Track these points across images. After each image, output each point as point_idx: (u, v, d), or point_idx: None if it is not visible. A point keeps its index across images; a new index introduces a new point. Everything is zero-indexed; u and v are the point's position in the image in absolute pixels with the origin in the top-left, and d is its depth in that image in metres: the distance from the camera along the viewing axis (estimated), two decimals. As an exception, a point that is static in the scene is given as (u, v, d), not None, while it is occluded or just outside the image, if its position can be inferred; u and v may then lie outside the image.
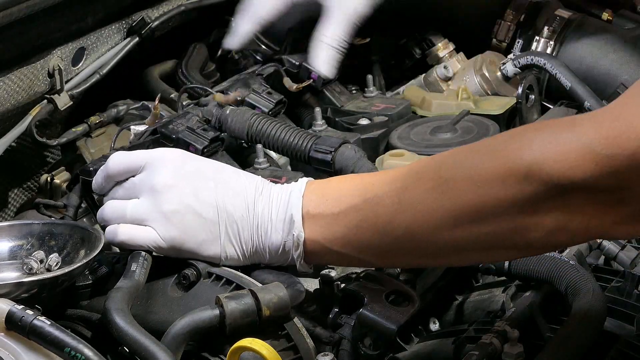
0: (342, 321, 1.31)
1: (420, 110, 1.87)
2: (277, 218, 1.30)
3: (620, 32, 1.99)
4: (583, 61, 1.93)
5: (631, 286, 1.40)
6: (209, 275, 1.33)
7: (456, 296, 1.51)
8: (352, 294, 1.31)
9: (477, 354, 1.21)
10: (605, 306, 1.29)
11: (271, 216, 1.30)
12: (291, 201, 1.29)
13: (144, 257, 1.33)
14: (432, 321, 1.49)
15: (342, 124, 1.79)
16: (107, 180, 1.38)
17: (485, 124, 1.75)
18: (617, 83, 1.90)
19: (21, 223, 1.40)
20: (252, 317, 1.24)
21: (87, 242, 1.35)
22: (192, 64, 2.12)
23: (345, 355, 1.29)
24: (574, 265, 1.34)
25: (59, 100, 1.84)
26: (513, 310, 1.32)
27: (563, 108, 1.82)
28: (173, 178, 1.32)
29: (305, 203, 1.29)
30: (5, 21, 1.64)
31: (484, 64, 1.95)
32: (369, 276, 1.34)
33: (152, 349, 1.19)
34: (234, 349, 1.20)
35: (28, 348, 1.19)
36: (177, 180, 1.32)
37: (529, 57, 1.86)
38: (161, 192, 1.31)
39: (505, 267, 1.39)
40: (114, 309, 1.23)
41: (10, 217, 1.88)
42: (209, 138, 1.58)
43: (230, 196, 1.31)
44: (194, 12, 2.13)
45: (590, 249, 1.48)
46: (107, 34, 1.94)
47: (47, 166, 1.93)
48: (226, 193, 1.31)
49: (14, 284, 1.25)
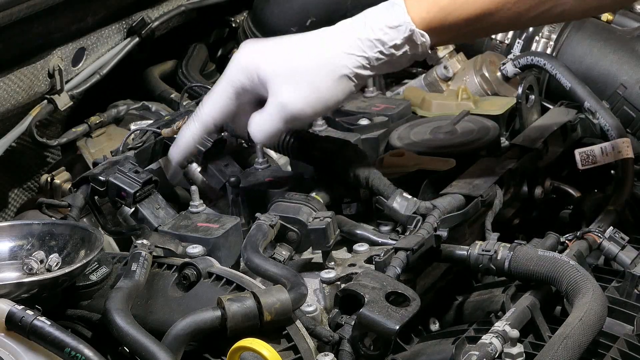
0: (342, 321, 1.31)
1: (420, 110, 1.87)
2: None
3: (620, 32, 2.00)
4: (583, 61, 1.94)
5: (631, 286, 1.40)
6: (209, 276, 1.33)
7: (456, 296, 1.51)
8: (352, 294, 1.31)
9: (477, 354, 1.21)
10: (605, 306, 1.29)
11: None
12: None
13: (144, 257, 1.33)
14: (432, 321, 1.49)
15: (342, 124, 1.79)
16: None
17: (485, 124, 1.75)
18: (617, 83, 1.90)
19: (21, 223, 1.40)
20: (254, 320, 1.24)
21: (87, 242, 1.35)
22: (192, 64, 2.12)
23: (345, 355, 1.29)
24: (574, 265, 1.34)
25: (59, 100, 1.84)
26: (513, 310, 1.32)
27: (563, 108, 1.82)
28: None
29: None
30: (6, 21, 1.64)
31: (484, 64, 1.95)
32: (369, 276, 1.34)
33: (152, 349, 1.19)
34: (234, 348, 1.20)
35: (28, 348, 1.19)
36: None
37: (529, 58, 1.86)
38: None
39: (505, 267, 1.39)
40: (114, 309, 1.23)
41: (10, 217, 1.88)
42: (141, 181, 1.53)
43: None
44: (194, 12, 2.13)
45: (590, 249, 1.48)
46: (107, 34, 1.95)
47: (47, 166, 1.93)
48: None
49: (14, 284, 1.25)
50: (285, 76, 1.45)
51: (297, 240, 1.46)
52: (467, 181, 1.57)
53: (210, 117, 1.50)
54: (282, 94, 1.45)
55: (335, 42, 1.46)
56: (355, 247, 1.47)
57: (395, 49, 1.45)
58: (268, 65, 1.46)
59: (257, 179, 1.61)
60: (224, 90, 1.49)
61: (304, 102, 1.45)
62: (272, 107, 1.46)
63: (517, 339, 1.24)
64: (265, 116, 1.47)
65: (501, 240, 1.44)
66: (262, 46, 1.50)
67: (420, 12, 1.45)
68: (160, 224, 1.50)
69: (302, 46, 1.48)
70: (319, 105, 1.46)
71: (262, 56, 1.47)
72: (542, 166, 1.70)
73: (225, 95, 1.49)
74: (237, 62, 1.49)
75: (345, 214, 1.56)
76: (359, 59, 1.45)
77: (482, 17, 1.46)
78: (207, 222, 1.48)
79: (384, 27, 1.45)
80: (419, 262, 1.43)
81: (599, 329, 1.27)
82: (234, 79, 1.48)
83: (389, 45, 1.45)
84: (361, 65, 1.46)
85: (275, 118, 1.46)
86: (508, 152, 1.68)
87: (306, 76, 1.45)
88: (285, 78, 1.45)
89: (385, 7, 1.47)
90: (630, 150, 1.70)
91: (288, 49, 1.48)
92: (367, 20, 1.46)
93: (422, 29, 1.45)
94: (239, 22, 2.21)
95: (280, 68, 1.46)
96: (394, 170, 1.62)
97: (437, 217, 1.47)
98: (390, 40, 1.45)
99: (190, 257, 1.39)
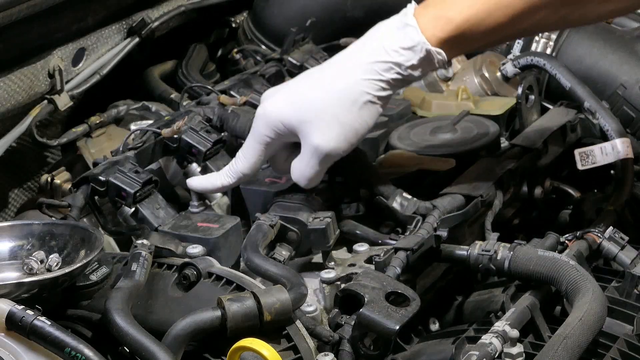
0: (342, 321, 1.31)
1: (420, 111, 1.87)
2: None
3: (620, 32, 2.00)
4: (583, 61, 1.94)
5: (631, 286, 1.40)
6: (209, 276, 1.33)
7: (456, 296, 1.51)
8: (352, 294, 1.31)
9: (477, 354, 1.21)
10: (605, 306, 1.29)
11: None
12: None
13: (144, 257, 1.33)
14: (432, 321, 1.49)
15: (342, 124, 1.79)
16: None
17: (485, 124, 1.75)
18: (617, 83, 1.90)
19: (22, 223, 1.40)
20: (254, 320, 1.24)
21: (87, 242, 1.35)
22: (192, 64, 2.12)
23: (345, 355, 1.29)
24: (574, 265, 1.34)
25: (59, 100, 1.84)
26: (513, 310, 1.32)
27: (563, 108, 1.82)
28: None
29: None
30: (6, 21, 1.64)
31: (484, 64, 1.95)
32: (369, 276, 1.34)
33: (152, 349, 1.19)
34: (234, 348, 1.20)
35: (28, 348, 1.19)
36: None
37: (529, 58, 1.86)
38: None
39: (505, 267, 1.39)
40: (114, 309, 1.23)
41: (10, 217, 1.88)
42: (141, 181, 1.53)
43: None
44: (194, 12, 2.13)
45: (590, 249, 1.48)
46: (107, 34, 1.95)
47: (47, 166, 1.93)
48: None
49: (14, 284, 1.25)
50: (311, 121, 1.46)
51: (297, 240, 1.46)
52: (467, 181, 1.57)
53: (242, 174, 1.52)
54: (313, 138, 1.45)
55: (350, 71, 1.46)
56: (355, 247, 1.47)
57: (412, 69, 1.45)
58: (292, 116, 1.47)
59: (257, 179, 1.61)
60: (253, 148, 1.51)
61: (336, 140, 1.45)
62: (307, 153, 1.47)
63: (517, 339, 1.24)
64: (302, 162, 1.48)
65: (501, 240, 1.44)
66: (282, 97, 1.49)
67: (434, 31, 1.44)
68: (160, 224, 1.50)
69: (319, 84, 1.48)
70: (350, 137, 1.46)
71: (284, 107, 1.48)
72: (542, 166, 1.70)
73: (255, 152, 1.51)
74: (261, 118, 1.49)
75: (345, 214, 1.56)
76: (377, 82, 1.45)
77: (497, 30, 1.45)
78: (207, 222, 1.49)
79: (399, 48, 1.44)
80: (419, 262, 1.43)
81: (599, 329, 1.27)
82: (261, 136, 1.49)
83: (405, 66, 1.45)
84: (380, 88, 1.45)
85: (312, 162, 1.47)
86: (508, 152, 1.68)
87: (331, 114, 1.45)
88: (312, 123, 1.46)
89: (397, 27, 1.45)
90: (630, 150, 1.70)
91: (306, 92, 1.48)
92: (379, 43, 1.45)
93: (437, 47, 1.44)
94: (239, 22, 2.22)
95: (305, 114, 1.46)
96: (394, 170, 1.62)
97: (437, 217, 1.47)
98: (406, 61, 1.44)
99: (190, 257, 1.39)
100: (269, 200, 1.53)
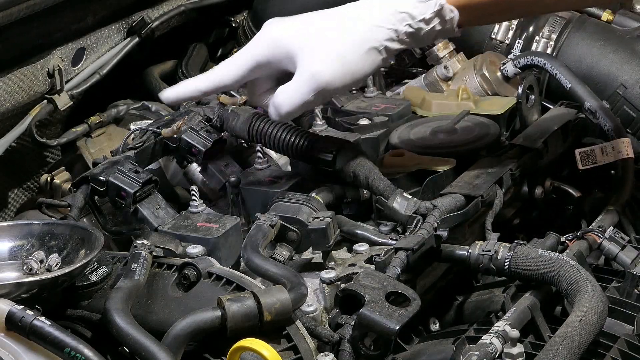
0: (342, 321, 1.31)
1: (420, 110, 1.87)
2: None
3: (620, 32, 2.00)
4: (583, 61, 1.94)
5: (631, 286, 1.40)
6: (209, 276, 1.33)
7: (456, 296, 1.51)
8: (352, 294, 1.31)
9: (477, 354, 1.21)
10: (605, 306, 1.29)
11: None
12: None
13: (144, 257, 1.33)
14: (432, 321, 1.49)
15: (342, 124, 1.79)
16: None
17: (485, 124, 1.75)
18: (617, 83, 1.90)
19: (21, 223, 1.40)
20: (254, 320, 1.24)
21: (87, 242, 1.35)
22: (192, 64, 2.13)
23: (345, 355, 1.29)
24: (574, 265, 1.34)
25: (59, 100, 1.84)
26: (513, 310, 1.32)
27: (563, 108, 1.82)
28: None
29: None
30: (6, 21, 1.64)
31: (484, 64, 1.95)
32: (369, 276, 1.34)
33: (152, 349, 1.19)
34: (234, 348, 1.20)
35: (28, 348, 1.19)
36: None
37: (529, 57, 1.86)
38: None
39: (505, 267, 1.39)
40: (114, 309, 1.23)
41: (10, 217, 1.88)
42: (141, 181, 1.53)
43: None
44: (193, 12, 2.13)
45: (590, 249, 1.48)
46: (107, 34, 1.95)
47: (47, 166, 1.93)
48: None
49: (14, 284, 1.25)
50: (315, 47, 1.45)
51: (297, 240, 1.46)
52: (467, 181, 1.57)
53: (221, 79, 1.49)
54: (313, 64, 1.45)
55: (364, 15, 1.47)
56: (355, 247, 1.47)
57: (424, 22, 1.47)
58: (297, 38, 1.46)
59: (257, 179, 1.61)
60: (245, 60, 1.48)
61: (333, 73, 1.45)
62: (301, 78, 1.45)
63: (517, 339, 1.24)
64: (293, 87, 1.46)
65: (501, 240, 1.44)
66: (290, 22, 1.50)
67: None
68: (160, 224, 1.50)
69: (331, 19, 1.48)
70: (347, 77, 1.46)
71: (291, 29, 1.47)
72: (542, 166, 1.70)
73: (245, 66, 1.48)
74: (264, 35, 1.48)
75: (345, 214, 1.56)
76: (388, 31, 1.46)
77: (512, 3, 1.48)
78: (207, 222, 1.49)
79: (414, 1, 1.46)
80: (419, 262, 1.43)
81: (599, 329, 1.27)
82: (258, 51, 1.48)
83: (418, 19, 1.46)
84: (390, 38, 1.46)
85: (304, 89, 1.45)
86: (508, 152, 1.68)
87: (335, 48, 1.45)
88: (315, 49, 1.45)
89: None
90: (630, 150, 1.70)
91: (317, 22, 1.48)
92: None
93: (451, 5, 1.46)
94: (239, 22, 2.22)
95: (310, 40, 1.46)
96: (394, 170, 1.62)
97: (437, 217, 1.47)
98: (419, 14, 1.46)
99: (190, 257, 1.39)
100: (269, 200, 1.53)
